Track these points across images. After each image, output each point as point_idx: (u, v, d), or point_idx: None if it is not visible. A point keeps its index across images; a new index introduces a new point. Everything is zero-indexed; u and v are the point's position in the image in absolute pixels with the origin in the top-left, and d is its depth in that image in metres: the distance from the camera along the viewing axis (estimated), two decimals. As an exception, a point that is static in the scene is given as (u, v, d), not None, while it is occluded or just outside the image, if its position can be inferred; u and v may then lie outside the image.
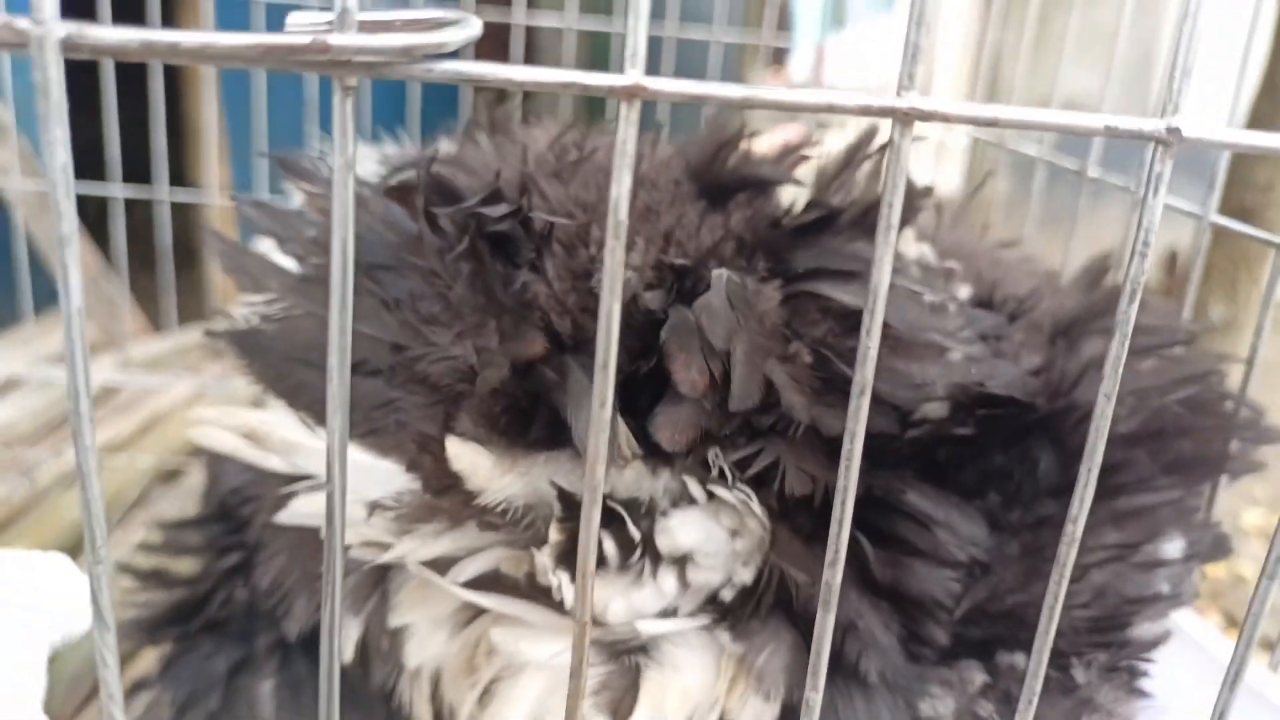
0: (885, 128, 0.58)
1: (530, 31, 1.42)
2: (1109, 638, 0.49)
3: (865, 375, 0.31)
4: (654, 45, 1.49)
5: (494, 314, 0.47)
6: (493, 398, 0.46)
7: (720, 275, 0.46)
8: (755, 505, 0.45)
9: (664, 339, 0.45)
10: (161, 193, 1.37)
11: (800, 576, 0.45)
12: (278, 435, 0.50)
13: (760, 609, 0.46)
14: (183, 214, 1.46)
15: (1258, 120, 1.78)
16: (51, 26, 0.23)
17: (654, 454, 0.45)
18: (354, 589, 0.51)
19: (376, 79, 0.27)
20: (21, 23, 0.23)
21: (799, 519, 0.46)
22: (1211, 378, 0.54)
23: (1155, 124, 0.29)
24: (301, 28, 0.26)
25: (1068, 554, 0.34)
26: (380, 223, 0.51)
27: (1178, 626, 0.55)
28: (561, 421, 0.45)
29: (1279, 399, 0.62)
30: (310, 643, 0.54)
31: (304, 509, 0.50)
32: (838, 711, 0.46)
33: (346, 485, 0.31)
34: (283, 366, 0.50)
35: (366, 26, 0.26)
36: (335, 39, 0.25)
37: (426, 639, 0.49)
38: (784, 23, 2.30)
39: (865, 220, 0.50)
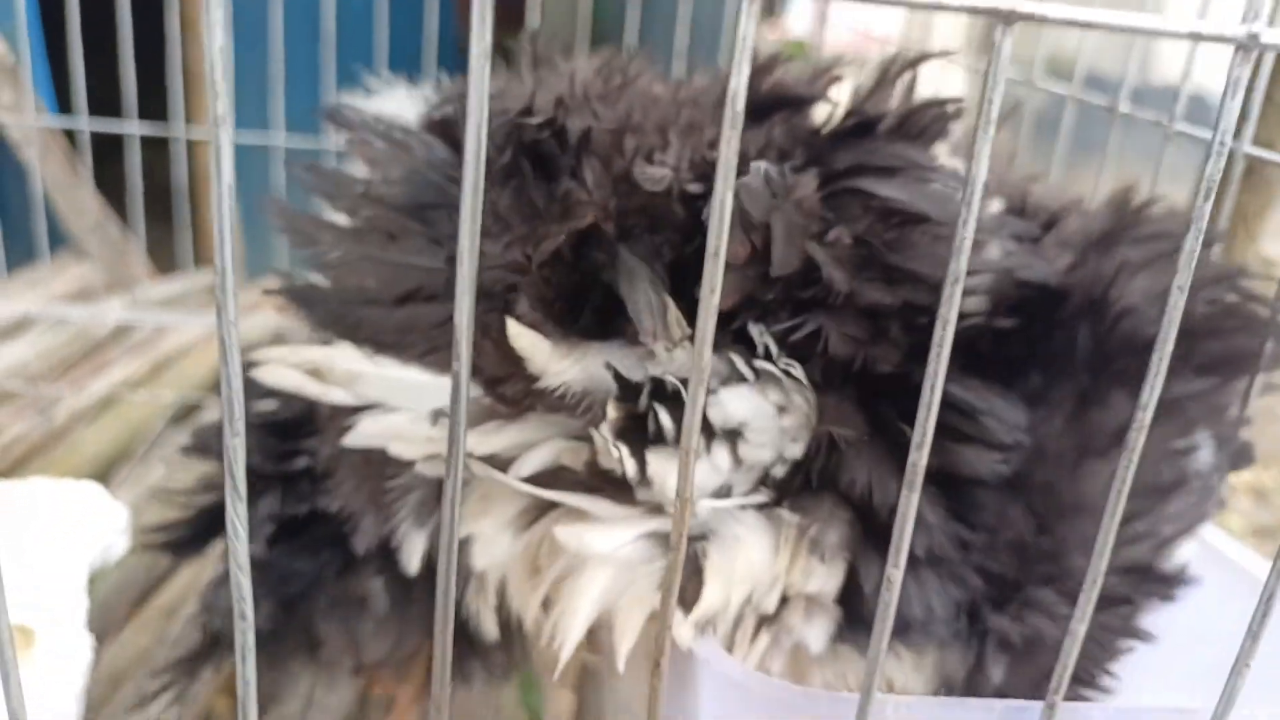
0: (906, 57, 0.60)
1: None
2: (1143, 537, 0.52)
3: (960, 265, 0.33)
4: (665, 9, 1.49)
5: (539, 220, 0.50)
6: (546, 283, 0.48)
7: (758, 164, 0.48)
8: (800, 375, 0.47)
9: (705, 216, 0.47)
10: (177, 130, 1.37)
11: (849, 436, 0.47)
12: (340, 368, 0.53)
13: (812, 482, 0.48)
14: (191, 153, 1.46)
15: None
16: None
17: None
18: (418, 504, 0.53)
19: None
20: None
21: (843, 389, 0.48)
22: (1239, 279, 0.56)
23: (1237, 29, 0.31)
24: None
25: (1137, 439, 0.36)
26: (424, 164, 0.54)
27: (1205, 543, 0.58)
28: (612, 309, 0.48)
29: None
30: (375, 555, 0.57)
31: (370, 430, 0.52)
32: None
33: (467, 368, 0.32)
34: (341, 309, 0.53)
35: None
36: None
37: (490, 543, 0.51)
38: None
39: (903, 127, 0.53)
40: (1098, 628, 0.50)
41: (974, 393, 0.48)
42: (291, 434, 0.59)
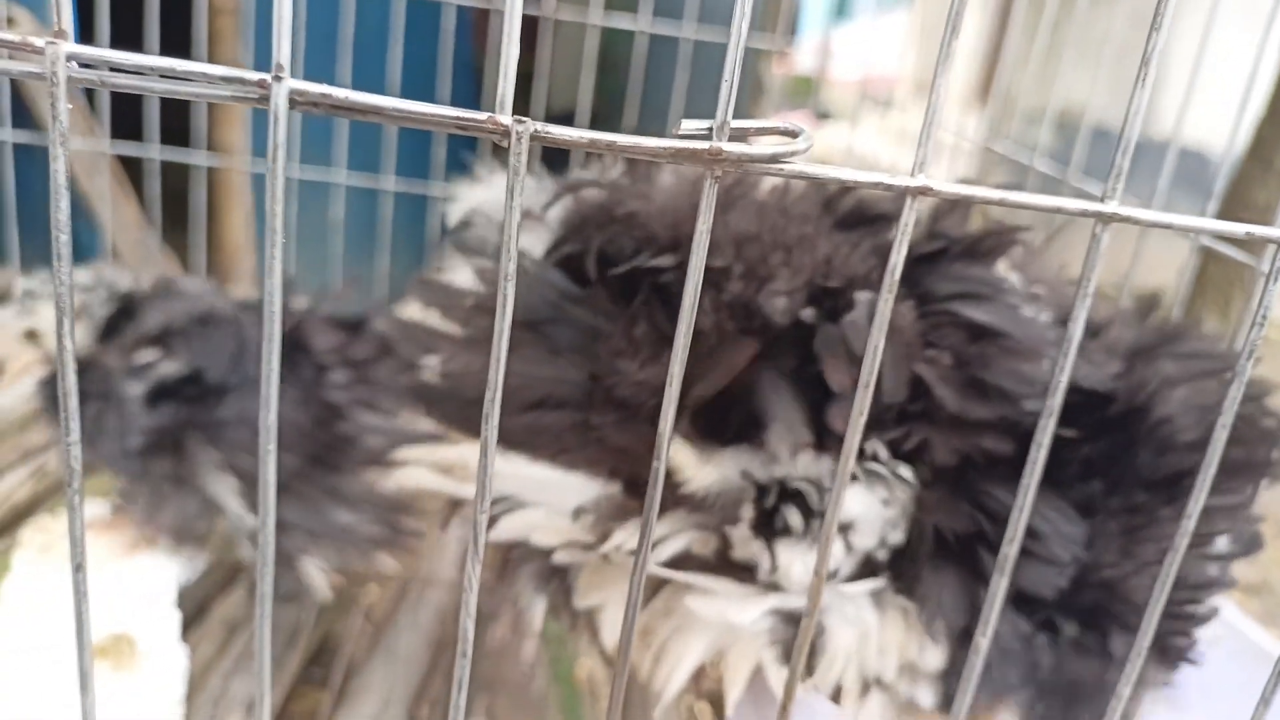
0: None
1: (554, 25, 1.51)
2: (1178, 614, 0.60)
3: (1055, 402, 0.41)
4: (670, 45, 1.56)
5: (667, 345, 0.58)
6: (700, 405, 0.56)
7: (862, 297, 0.56)
8: (906, 474, 0.55)
9: (817, 349, 0.55)
10: (199, 156, 1.46)
11: (952, 525, 0.55)
12: (471, 465, 0.60)
13: (915, 564, 0.56)
14: (206, 176, 1.54)
15: (1262, 144, 1.86)
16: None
17: (820, 442, 0.56)
18: (536, 574, 0.61)
19: (740, 173, 0.37)
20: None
21: (942, 486, 0.56)
22: (1259, 398, 0.65)
23: (1099, 205, 0.39)
24: (694, 132, 0.36)
25: (1181, 544, 0.45)
26: (540, 284, 0.62)
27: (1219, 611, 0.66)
28: (749, 420, 0.55)
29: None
30: None
31: (512, 525, 0.60)
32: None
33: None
34: (464, 410, 0.61)
35: (735, 132, 0.36)
36: (729, 147, 0.35)
37: (618, 621, 0.59)
38: (794, 26, 2.39)
39: (975, 250, 0.62)
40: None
41: (1039, 515, 0.56)
42: None
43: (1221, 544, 0.64)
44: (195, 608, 1.19)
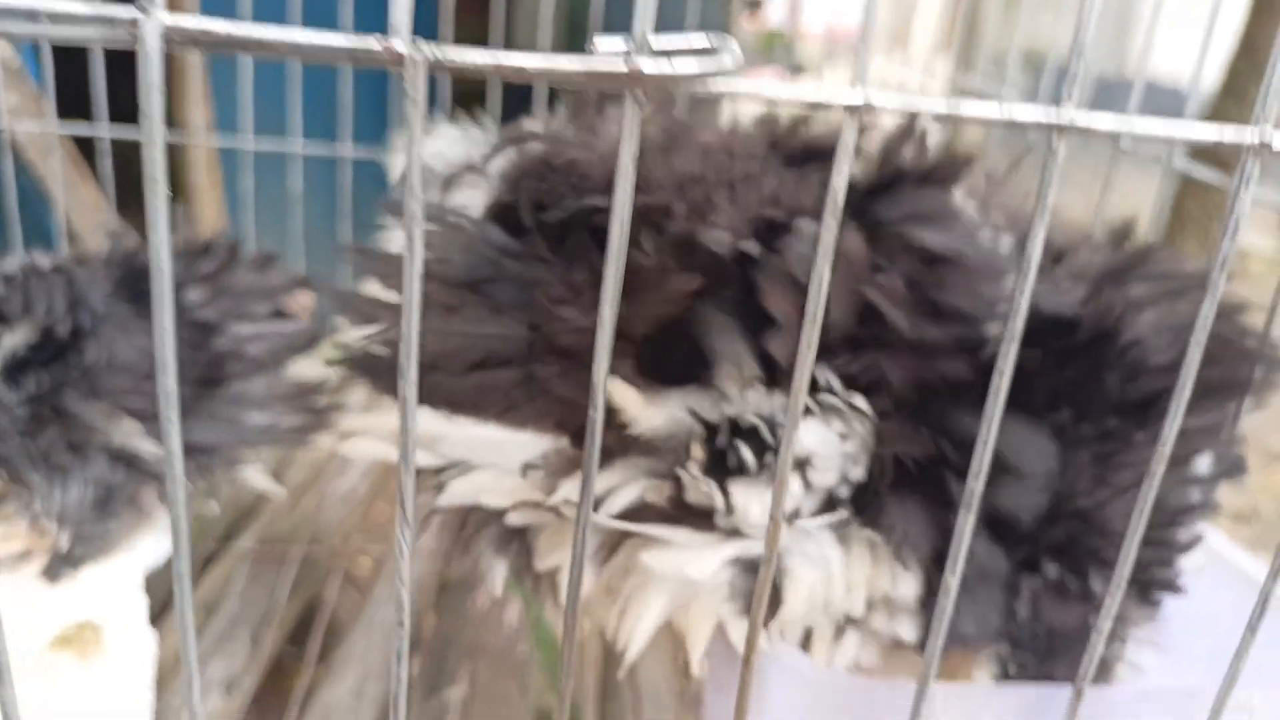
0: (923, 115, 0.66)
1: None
2: (1158, 541, 0.58)
3: (1016, 326, 0.39)
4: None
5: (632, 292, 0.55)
6: (644, 343, 0.54)
7: (805, 224, 0.54)
8: (863, 407, 0.53)
9: (759, 280, 0.53)
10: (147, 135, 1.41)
11: (913, 453, 0.53)
12: (423, 432, 0.58)
13: (879, 496, 0.54)
14: (174, 155, 1.50)
15: (1234, 78, 1.85)
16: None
17: (770, 377, 0.53)
18: (497, 537, 0.59)
19: (662, 95, 0.34)
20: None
21: (902, 414, 0.54)
22: (1234, 315, 0.63)
23: (1053, 114, 0.37)
24: (611, 53, 0.33)
25: (1158, 468, 0.43)
26: (479, 242, 0.59)
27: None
28: (694, 358, 0.53)
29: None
30: None
31: (461, 489, 0.58)
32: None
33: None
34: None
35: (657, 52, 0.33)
36: (648, 66, 0.32)
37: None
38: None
39: (929, 178, 0.59)
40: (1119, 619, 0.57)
41: (1009, 431, 0.54)
42: None
43: (1202, 467, 0.62)
44: (169, 592, 1.18)
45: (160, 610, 1.09)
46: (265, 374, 0.89)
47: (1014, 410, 0.55)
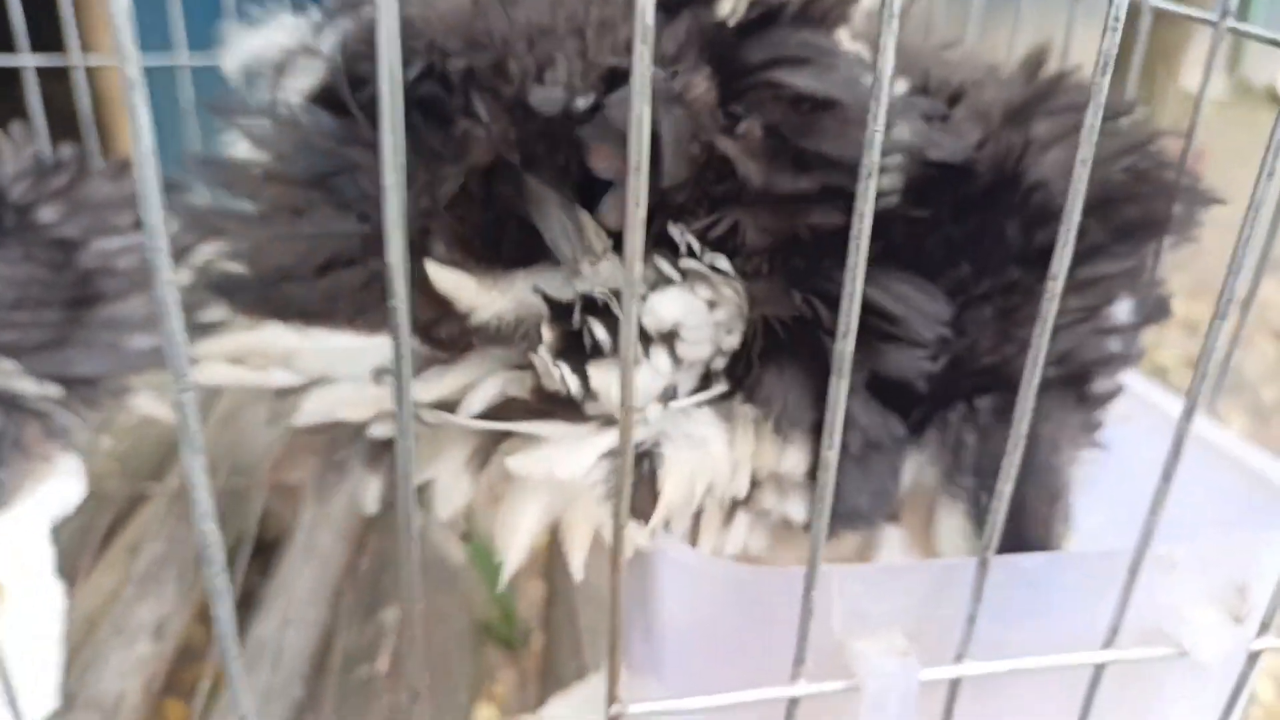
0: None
1: None
2: (1073, 394, 0.54)
3: (872, 158, 0.34)
4: None
5: (443, 164, 0.49)
6: (461, 222, 0.49)
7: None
8: (727, 268, 0.48)
9: (582, 136, 0.48)
10: (75, 59, 1.32)
11: (783, 314, 0.49)
12: (276, 348, 0.53)
13: (755, 366, 0.50)
14: (92, 81, 1.40)
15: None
16: None
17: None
18: (369, 450, 0.54)
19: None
20: None
21: (771, 274, 0.49)
22: (1150, 147, 0.58)
23: None
24: None
25: (1049, 309, 0.38)
26: (315, 135, 0.53)
27: (1128, 388, 0.61)
28: (531, 236, 0.48)
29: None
30: None
31: (316, 407, 0.52)
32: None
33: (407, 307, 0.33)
34: (263, 291, 0.53)
35: None
36: None
37: (451, 491, 0.52)
38: None
39: (805, 15, 0.53)
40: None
41: (893, 292, 0.49)
42: None
43: (1122, 313, 0.58)
44: (101, 537, 1.14)
45: (71, 560, 1.05)
46: (142, 291, 0.83)
47: (902, 267, 0.51)
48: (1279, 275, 2.70)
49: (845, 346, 0.37)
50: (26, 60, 1.27)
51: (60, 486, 0.99)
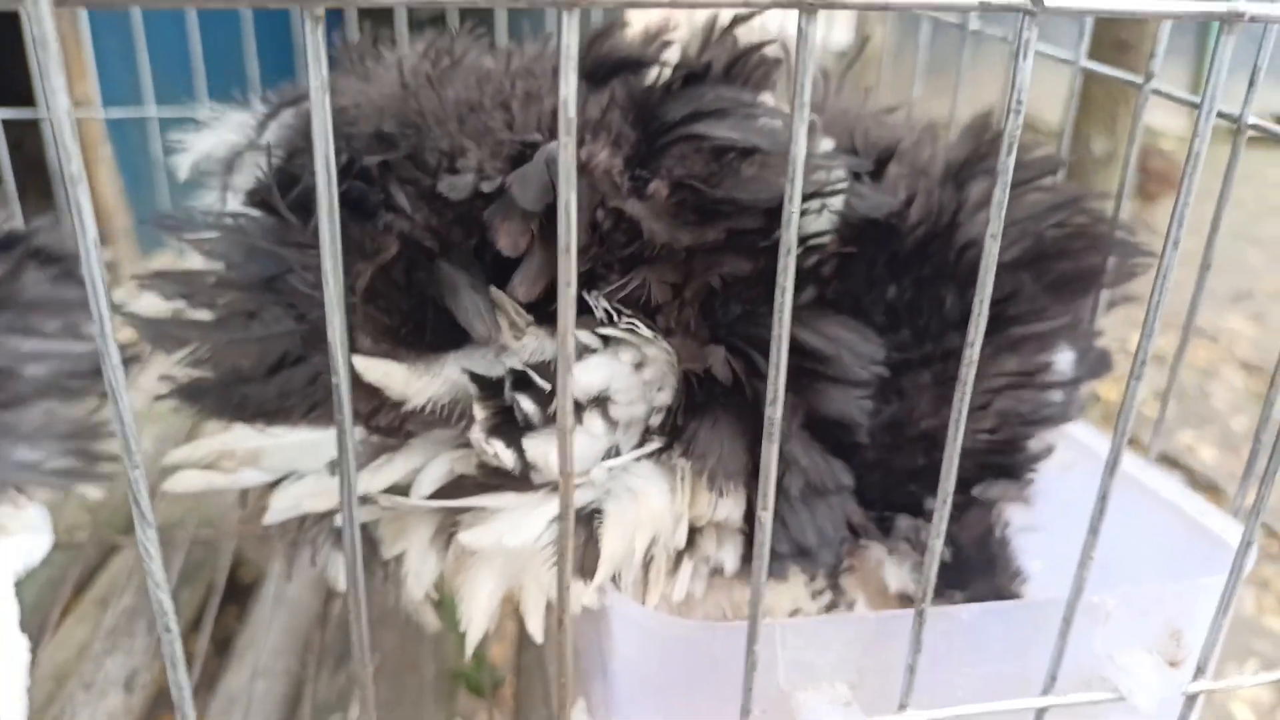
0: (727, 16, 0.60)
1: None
2: (1010, 458, 0.56)
3: (790, 237, 0.35)
4: None
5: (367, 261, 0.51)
6: (385, 313, 0.50)
7: (542, 149, 0.49)
8: (644, 330, 0.50)
9: (486, 217, 0.49)
10: (44, 111, 1.33)
11: (706, 368, 0.50)
12: (242, 450, 0.54)
13: (690, 420, 0.51)
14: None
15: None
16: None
17: (545, 320, 0.50)
18: (335, 536, 0.55)
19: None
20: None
21: (690, 329, 0.51)
22: (1083, 203, 0.60)
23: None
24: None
25: (968, 374, 0.40)
26: (262, 239, 0.54)
27: (1072, 437, 0.63)
28: (453, 320, 0.49)
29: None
30: None
31: (282, 504, 0.54)
32: (780, 526, 0.52)
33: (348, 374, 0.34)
34: (224, 392, 0.54)
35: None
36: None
37: (420, 568, 0.54)
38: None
39: (729, 74, 0.55)
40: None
41: (824, 333, 0.51)
42: None
43: (1064, 366, 0.60)
44: (70, 590, 1.13)
45: (41, 613, 1.05)
46: (42, 402, 0.80)
47: (829, 311, 0.53)
48: (1244, 307, 2.76)
49: (774, 413, 0.38)
50: (-5, 112, 1.29)
51: (24, 541, 0.99)
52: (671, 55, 0.57)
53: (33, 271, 0.76)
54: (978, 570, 0.57)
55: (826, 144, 0.56)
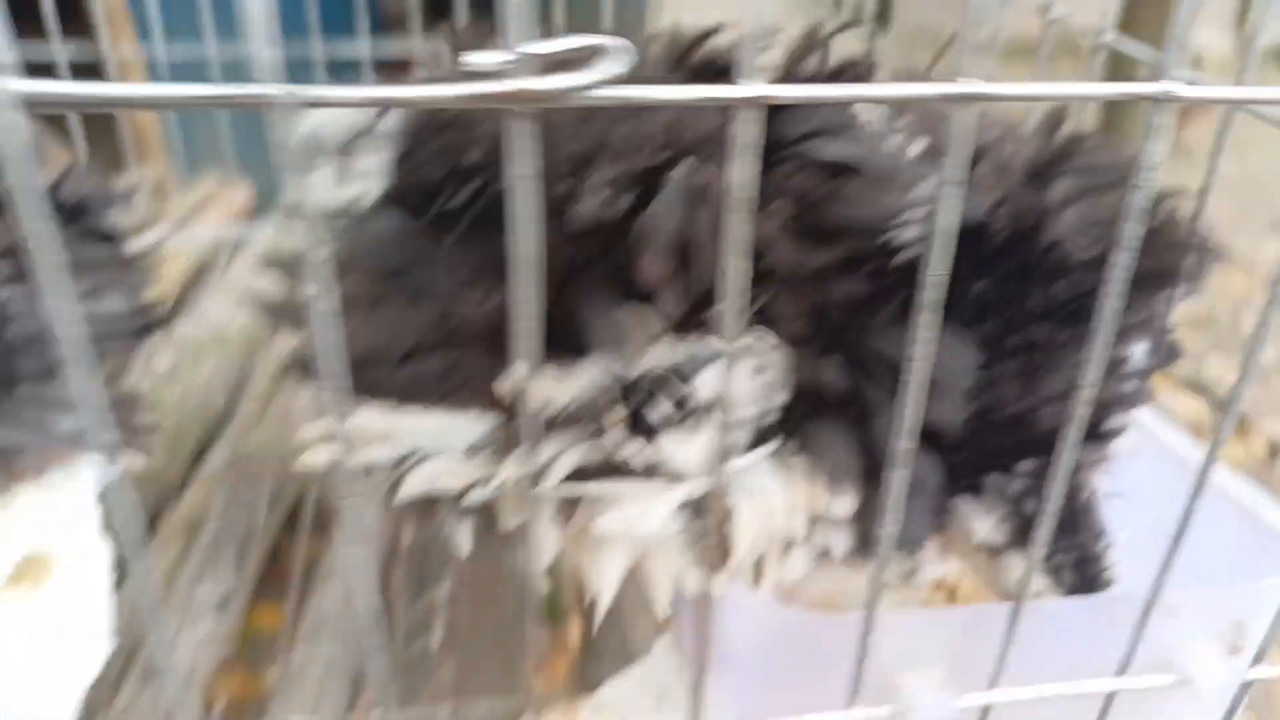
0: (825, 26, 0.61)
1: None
2: (1091, 433, 0.60)
3: (932, 296, 0.39)
4: None
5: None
6: (549, 321, 0.53)
7: (669, 178, 0.52)
8: (768, 340, 0.53)
9: (630, 245, 0.52)
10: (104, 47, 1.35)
11: (822, 379, 0.54)
12: (373, 429, 0.57)
13: (805, 420, 0.55)
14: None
15: None
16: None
17: (676, 329, 0.53)
18: (460, 510, 0.59)
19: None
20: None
21: (804, 343, 0.54)
22: (1162, 204, 0.62)
23: (1154, 88, 0.37)
24: (489, 67, 0.31)
25: (1089, 395, 0.44)
26: (384, 234, 0.57)
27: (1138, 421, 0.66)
28: (592, 328, 0.53)
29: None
30: None
31: (417, 481, 0.57)
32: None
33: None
34: (352, 376, 0.57)
35: (535, 62, 0.32)
36: (534, 84, 0.31)
37: (543, 544, 0.58)
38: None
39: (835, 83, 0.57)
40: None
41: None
42: None
43: (1136, 355, 0.63)
44: (152, 513, 1.18)
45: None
46: (84, 367, 0.78)
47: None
48: None
49: (902, 445, 0.42)
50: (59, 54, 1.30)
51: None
52: (769, 60, 0.59)
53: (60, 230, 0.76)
54: (1061, 526, 0.61)
55: (919, 144, 0.58)
